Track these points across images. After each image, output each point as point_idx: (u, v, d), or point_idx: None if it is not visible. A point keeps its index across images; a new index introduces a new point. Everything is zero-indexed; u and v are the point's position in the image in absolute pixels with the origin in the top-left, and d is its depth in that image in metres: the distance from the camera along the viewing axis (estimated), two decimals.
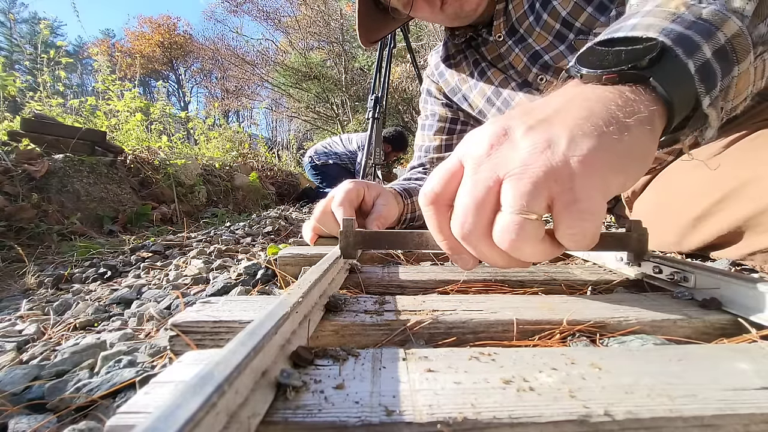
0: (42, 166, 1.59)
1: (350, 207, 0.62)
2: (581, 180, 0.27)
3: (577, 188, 0.27)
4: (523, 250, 0.29)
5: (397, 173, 4.47)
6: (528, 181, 0.28)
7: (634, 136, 0.30)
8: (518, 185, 0.28)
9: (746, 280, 0.34)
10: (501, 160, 0.30)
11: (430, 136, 1.04)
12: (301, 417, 0.19)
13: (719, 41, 0.34)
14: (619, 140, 0.29)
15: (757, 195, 0.57)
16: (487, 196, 0.30)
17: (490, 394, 0.21)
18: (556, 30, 0.74)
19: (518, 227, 0.28)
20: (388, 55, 2.67)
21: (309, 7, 10.90)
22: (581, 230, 0.28)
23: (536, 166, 0.28)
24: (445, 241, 0.35)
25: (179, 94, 21.29)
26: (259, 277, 0.67)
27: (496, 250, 0.31)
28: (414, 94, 8.14)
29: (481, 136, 0.32)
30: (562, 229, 0.29)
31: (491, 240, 0.30)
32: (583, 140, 0.28)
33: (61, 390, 0.33)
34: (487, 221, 0.30)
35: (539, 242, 0.29)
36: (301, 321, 0.27)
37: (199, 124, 3.93)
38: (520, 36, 0.79)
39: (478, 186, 0.30)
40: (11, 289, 0.89)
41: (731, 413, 0.19)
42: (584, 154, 0.28)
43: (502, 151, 0.30)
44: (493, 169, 0.30)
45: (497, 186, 0.29)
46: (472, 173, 0.31)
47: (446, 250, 0.36)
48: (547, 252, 0.31)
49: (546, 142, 0.29)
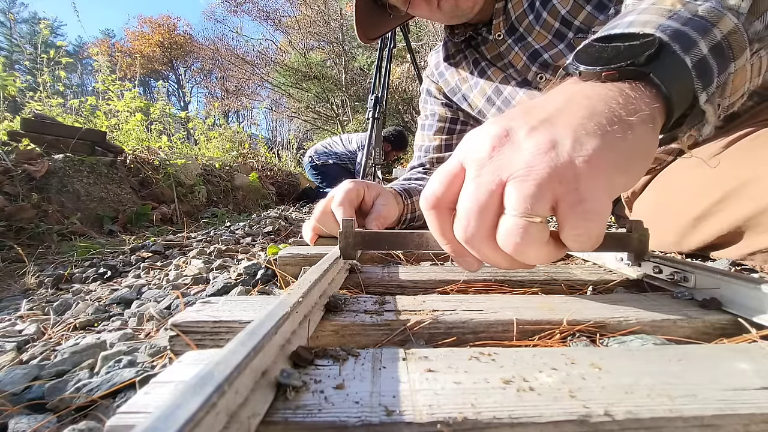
0: (42, 166, 1.59)
1: (350, 207, 0.62)
2: (586, 180, 0.27)
3: (582, 189, 0.27)
4: (528, 253, 0.29)
5: (396, 173, 4.47)
6: (532, 183, 0.27)
7: (637, 135, 0.30)
8: (522, 188, 0.28)
9: (746, 280, 0.34)
10: (504, 162, 0.29)
11: (430, 136, 1.04)
12: (301, 417, 0.19)
13: (715, 38, 0.34)
14: (623, 139, 0.29)
15: (757, 195, 0.57)
16: (491, 200, 0.29)
17: (490, 394, 0.21)
18: (556, 28, 0.74)
19: (523, 230, 0.28)
20: (388, 55, 2.67)
21: (309, 7, 10.90)
22: (586, 231, 0.28)
23: (540, 168, 0.28)
24: (448, 244, 0.35)
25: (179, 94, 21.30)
26: (259, 277, 0.67)
27: (500, 252, 0.30)
28: (414, 94, 8.14)
29: (482, 138, 0.31)
30: (567, 230, 0.28)
31: (495, 243, 0.30)
32: (587, 140, 0.28)
33: (61, 390, 0.33)
34: (491, 224, 0.30)
35: (544, 245, 0.29)
36: (301, 321, 0.27)
37: (199, 124, 3.93)
38: (520, 35, 0.79)
39: (481, 189, 0.30)
40: (11, 289, 0.89)
41: (731, 413, 0.19)
42: (589, 154, 0.28)
43: (505, 153, 0.30)
44: (496, 171, 0.29)
45: (500, 189, 0.29)
46: (474, 176, 0.30)
47: (449, 253, 0.36)
48: (551, 254, 0.30)
49: (550, 143, 0.28)
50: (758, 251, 0.58)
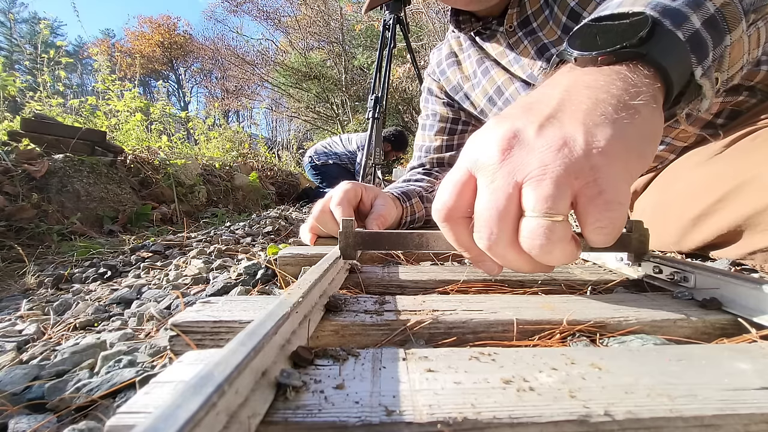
0: (42, 166, 1.59)
1: (349, 206, 0.62)
2: (604, 171, 0.27)
3: (600, 180, 0.27)
4: (554, 253, 0.28)
5: (396, 173, 4.47)
6: (549, 182, 0.27)
7: (643, 117, 0.29)
8: (540, 188, 0.27)
9: (746, 280, 0.34)
10: (516, 164, 0.29)
11: (431, 137, 1.03)
12: (301, 417, 0.19)
13: (708, 11, 0.33)
14: (631, 124, 0.29)
15: (757, 194, 0.57)
16: (510, 204, 0.29)
17: (490, 394, 0.21)
18: (563, 23, 0.73)
19: (547, 230, 0.27)
20: (388, 55, 2.67)
21: (309, 7, 10.90)
22: (610, 221, 0.27)
23: (555, 165, 0.27)
24: (467, 252, 0.34)
25: (179, 94, 21.31)
26: (259, 277, 0.67)
27: (524, 256, 0.30)
28: (414, 94, 8.13)
29: (488, 142, 0.30)
30: (591, 224, 0.28)
31: (519, 247, 0.30)
32: (597, 131, 0.28)
33: (61, 390, 0.33)
34: (513, 229, 0.29)
35: (568, 243, 0.29)
36: (301, 321, 0.27)
37: (199, 124, 3.93)
38: (531, 29, 0.78)
39: (498, 195, 0.29)
40: (11, 289, 0.89)
41: (731, 413, 0.19)
42: (602, 145, 0.27)
43: (516, 155, 0.29)
44: (510, 174, 0.29)
45: (517, 191, 0.29)
46: (488, 183, 0.30)
47: (469, 260, 0.35)
48: (574, 253, 0.30)
49: (561, 140, 0.28)
50: (758, 250, 0.58)
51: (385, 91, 2.68)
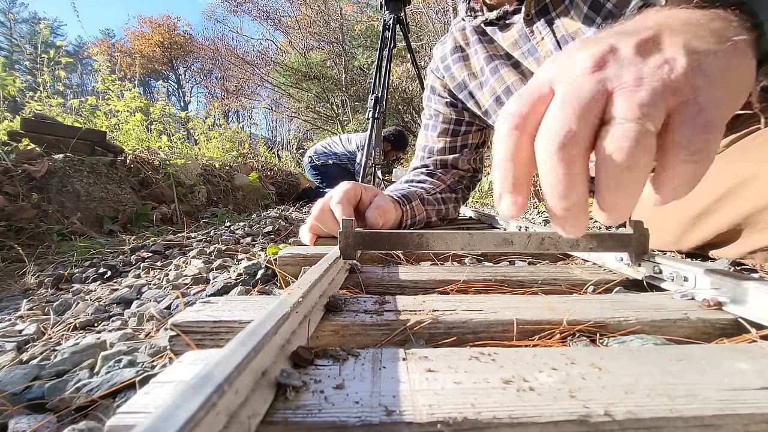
0: (42, 166, 1.59)
1: (349, 205, 0.62)
2: (706, 91, 0.25)
3: (701, 99, 0.25)
4: (638, 164, 0.24)
5: (396, 173, 4.46)
6: (645, 91, 0.24)
7: (740, 58, 0.28)
8: (635, 95, 0.25)
9: (746, 280, 0.34)
10: (609, 75, 0.26)
11: (434, 137, 1.01)
12: (301, 417, 0.19)
13: None
14: (735, 55, 0.27)
15: (757, 192, 0.56)
16: (593, 103, 0.25)
17: (490, 394, 0.21)
18: (584, 13, 0.70)
19: (639, 134, 0.24)
20: (388, 55, 2.67)
21: (309, 7, 10.89)
22: (706, 146, 0.24)
23: (653, 79, 0.25)
24: (515, 178, 0.29)
25: (179, 94, 21.31)
26: (259, 277, 0.67)
27: (583, 179, 0.26)
28: (414, 94, 8.13)
29: (579, 55, 0.28)
30: (684, 146, 0.24)
31: (587, 161, 0.26)
32: (700, 56, 0.26)
33: (61, 390, 0.33)
34: (591, 133, 0.25)
35: (647, 171, 0.25)
36: (301, 321, 0.27)
37: (199, 124, 3.93)
38: (551, 18, 0.75)
39: (583, 93, 0.26)
40: (11, 289, 0.89)
41: (731, 413, 0.19)
42: (706, 68, 0.25)
43: (610, 69, 0.26)
44: (600, 82, 0.26)
45: (605, 98, 0.25)
46: (572, 82, 0.27)
47: (509, 192, 0.29)
48: (638, 196, 0.26)
49: (662, 59, 0.26)
50: (758, 249, 0.58)
51: (385, 91, 2.67)
